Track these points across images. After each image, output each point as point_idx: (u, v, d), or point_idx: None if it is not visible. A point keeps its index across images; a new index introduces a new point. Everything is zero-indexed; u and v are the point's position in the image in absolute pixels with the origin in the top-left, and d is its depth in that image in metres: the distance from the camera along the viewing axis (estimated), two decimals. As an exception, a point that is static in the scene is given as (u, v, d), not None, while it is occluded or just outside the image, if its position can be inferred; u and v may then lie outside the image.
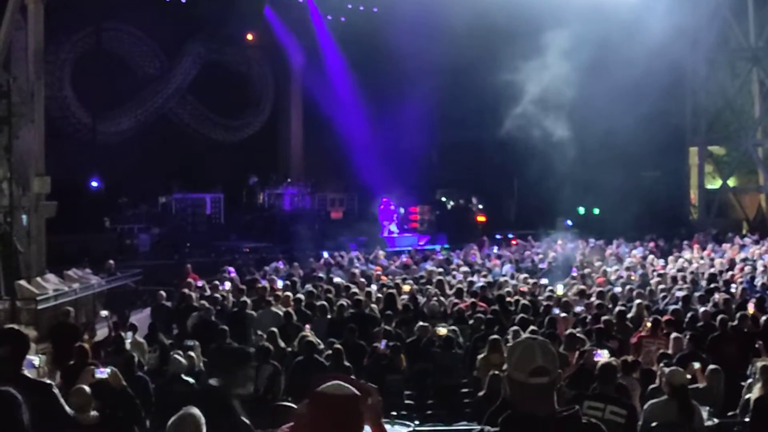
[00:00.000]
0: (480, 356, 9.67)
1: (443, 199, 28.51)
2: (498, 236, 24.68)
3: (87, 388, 6.01)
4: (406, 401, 9.52)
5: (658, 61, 22.99)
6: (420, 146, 26.45)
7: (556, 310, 11.60)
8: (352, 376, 3.06)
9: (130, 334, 10.40)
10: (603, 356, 7.56)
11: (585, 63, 20.92)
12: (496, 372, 7.70)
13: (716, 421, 7.45)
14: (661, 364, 8.24)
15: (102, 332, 12.48)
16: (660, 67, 23.32)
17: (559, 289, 13.73)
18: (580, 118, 22.40)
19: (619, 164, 24.22)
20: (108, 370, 6.22)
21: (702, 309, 11.27)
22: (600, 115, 21.67)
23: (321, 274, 15.75)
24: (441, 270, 16.26)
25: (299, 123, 28.57)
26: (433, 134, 26.93)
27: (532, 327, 10.31)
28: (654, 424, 6.58)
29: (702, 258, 18.39)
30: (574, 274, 16.25)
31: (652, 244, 21.02)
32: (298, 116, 28.57)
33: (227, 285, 14.29)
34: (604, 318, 10.80)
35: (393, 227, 25.34)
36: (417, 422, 8.42)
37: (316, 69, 26.85)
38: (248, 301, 12.34)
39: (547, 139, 22.52)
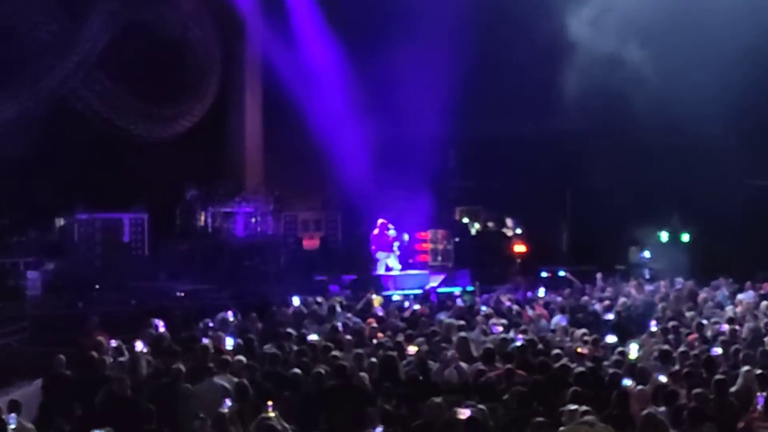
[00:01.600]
0: (519, 448, 9.72)
1: (465, 220, 28.77)
2: (544, 274, 24.89)
3: None
4: None
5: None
6: (432, 144, 26.68)
7: (628, 381, 11.68)
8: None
9: (12, 417, 10.33)
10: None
11: (675, 40, 21.24)
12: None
13: None
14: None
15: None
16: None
17: (633, 351, 13.88)
18: (663, 110, 22.81)
19: (718, 172, 24.58)
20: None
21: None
22: (692, 107, 22.02)
23: (289, 330, 15.89)
24: (462, 323, 16.43)
25: (257, 111, 28.75)
26: (452, 126, 27.21)
27: (592, 405, 10.29)
28: None
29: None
30: (654, 328, 16.36)
31: (767, 286, 21.12)
32: (256, 101, 28.74)
33: (151, 346, 14.52)
34: (696, 392, 10.85)
35: (393, 261, 25.43)
36: None
37: (282, 32, 27.13)
38: (183, 368, 12.50)
39: (615, 137, 22.62)
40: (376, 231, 25.32)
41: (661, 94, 22.73)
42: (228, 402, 10.70)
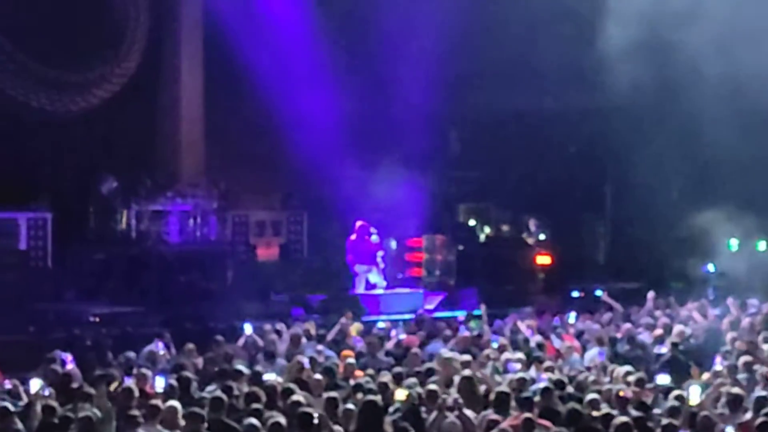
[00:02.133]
0: None
1: (471, 222, 29.03)
2: (575, 293, 25.05)
3: None
4: None
5: None
6: (427, 123, 26.73)
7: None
8: None
9: None
10: None
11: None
12: None
13: None
14: None
15: None
16: None
17: (694, 395, 13.83)
18: (732, 84, 22.92)
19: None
20: None
21: None
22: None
23: (239, 367, 16.00)
24: (467, 358, 16.38)
25: (197, 78, 28.55)
26: (453, 100, 27.27)
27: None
28: None
29: None
30: (720, 366, 16.39)
31: None
32: (196, 65, 28.56)
33: (55, 386, 14.40)
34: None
35: (375, 277, 25.44)
36: None
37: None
38: (96, 414, 12.51)
39: (669, 116, 22.56)
40: (353, 237, 25.28)
41: (730, 64, 22.85)
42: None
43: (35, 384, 14.02)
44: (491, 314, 21.66)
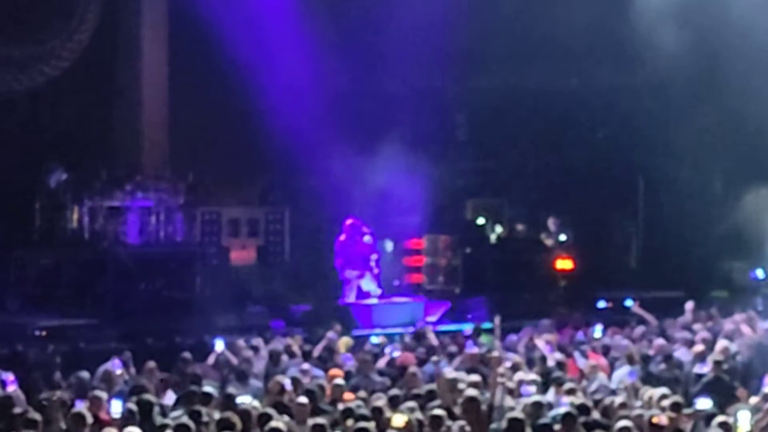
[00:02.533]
0: None
1: (480, 221, 28.88)
2: (602, 303, 25.06)
3: None
4: None
5: None
6: (430, 105, 26.81)
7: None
8: None
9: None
10: None
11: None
12: None
13: None
14: None
15: None
16: None
17: (743, 421, 13.81)
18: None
19: None
20: None
21: None
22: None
23: (208, 389, 16.06)
24: (476, 379, 16.50)
25: (161, 53, 28.69)
26: (460, 78, 27.56)
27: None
28: None
29: None
30: None
31: None
32: (160, 37, 28.70)
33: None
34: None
35: (368, 284, 25.54)
36: None
37: None
38: None
39: (714, 99, 22.54)
40: (342, 237, 25.45)
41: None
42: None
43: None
44: (504, 328, 21.67)
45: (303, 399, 15.14)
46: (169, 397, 16.35)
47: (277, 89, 25.60)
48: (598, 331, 21.11)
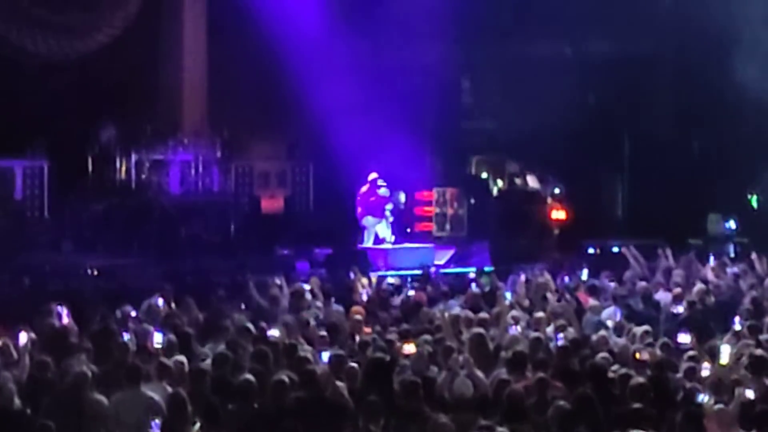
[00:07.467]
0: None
1: (483, 175, 28.91)
2: (592, 249, 25.08)
3: None
4: None
5: None
6: (438, 71, 26.87)
7: (705, 396, 11.77)
8: None
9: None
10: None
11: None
12: None
13: None
14: None
15: None
16: None
17: (725, 355, 13.73)
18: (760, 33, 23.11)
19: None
20: None
21: None
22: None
23: (247, 324, 15.81)
24: (479, 316, 16.40)
25: (200, 21, 28.52)
26: (465, 47, 27.36)
27: (655, 429, 10.42)
28: None
29: None
30: (739, 326, 16.28)
31: None
32: (199, 7, 28.54)
33: (48, 341, 14.48)
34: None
35: (383, 230, 25.58)
36: None
37: None
38: (91, 371, 12.49)
39: (692, 66, 22.46)
40: (364, 188, 25.48)
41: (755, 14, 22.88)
42: (157, 422, 10.86)
43: (23, 337, 13.99)
44: (504, 270, 21.76)
45: (324, 333, 15.15)
46: (205, 331, 16.04)
47: (303, 57, 25.66)
48: (585, 274, 21.03)
